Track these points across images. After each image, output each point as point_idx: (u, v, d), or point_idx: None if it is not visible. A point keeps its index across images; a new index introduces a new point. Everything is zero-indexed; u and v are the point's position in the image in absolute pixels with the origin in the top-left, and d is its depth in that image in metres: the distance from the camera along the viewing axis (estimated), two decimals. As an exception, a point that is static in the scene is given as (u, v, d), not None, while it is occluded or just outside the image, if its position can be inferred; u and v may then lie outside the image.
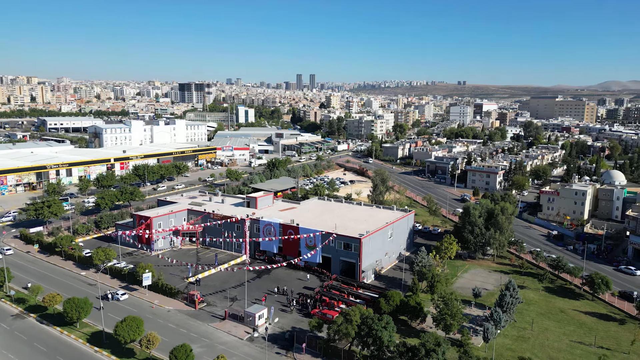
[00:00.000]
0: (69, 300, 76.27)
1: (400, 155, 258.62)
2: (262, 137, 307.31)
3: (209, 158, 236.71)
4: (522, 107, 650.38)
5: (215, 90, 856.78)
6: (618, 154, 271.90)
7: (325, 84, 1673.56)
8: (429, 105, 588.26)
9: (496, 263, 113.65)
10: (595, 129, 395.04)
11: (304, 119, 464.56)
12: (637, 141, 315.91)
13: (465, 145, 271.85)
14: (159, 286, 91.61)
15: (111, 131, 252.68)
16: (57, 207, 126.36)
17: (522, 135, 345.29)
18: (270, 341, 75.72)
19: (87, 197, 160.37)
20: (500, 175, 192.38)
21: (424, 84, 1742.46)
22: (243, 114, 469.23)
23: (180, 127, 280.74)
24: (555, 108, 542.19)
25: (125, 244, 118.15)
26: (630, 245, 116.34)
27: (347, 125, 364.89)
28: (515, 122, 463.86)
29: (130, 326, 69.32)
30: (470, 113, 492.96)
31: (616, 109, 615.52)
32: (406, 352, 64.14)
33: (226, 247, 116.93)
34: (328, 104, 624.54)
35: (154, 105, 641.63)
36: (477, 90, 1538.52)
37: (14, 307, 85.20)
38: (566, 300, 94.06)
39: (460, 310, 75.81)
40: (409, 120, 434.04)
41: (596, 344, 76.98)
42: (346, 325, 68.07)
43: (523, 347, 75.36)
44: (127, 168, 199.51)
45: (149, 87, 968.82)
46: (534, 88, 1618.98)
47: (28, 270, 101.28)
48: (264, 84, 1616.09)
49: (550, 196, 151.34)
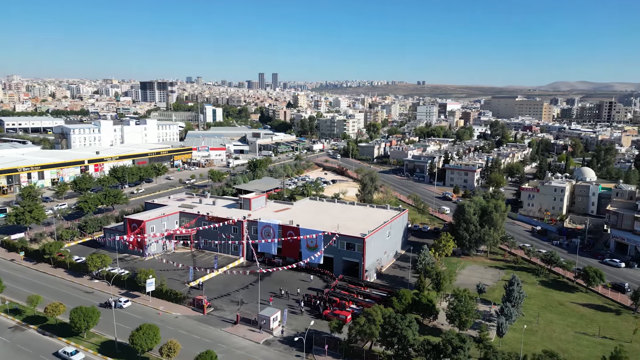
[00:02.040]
0: (75, 309, 72.86)
1: (376, 155, 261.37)
2: (235, 137, 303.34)
3: (184, 159, 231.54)
4: (484, 106, 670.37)
5: (177, 89, 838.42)
6: (580, 152, 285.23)
7: (288, 83, 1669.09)
8: (395, 105, 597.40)
9: (489, 259, 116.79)
10: (555, 128, 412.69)
11: (274, 119, 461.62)
12: (595, 139, 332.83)
13: (438, 144, 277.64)
14: (163, 292, 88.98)
15: (79, 131, 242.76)
16: (38, 212, 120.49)
17: (489, 134, 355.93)
18: (287, 344, 75.18)
19: (63, 201, 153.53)
20: (477, 173, 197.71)
21: (385, 83, 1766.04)
22: (211, 114, 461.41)
23: (152, 127, 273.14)
24: (515, 107, 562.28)
25: (115, 249, 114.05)
26: (613, 239, 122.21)
27: (320, 124, 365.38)
28: (479, 121, 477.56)
29: (148, 334, 66.97)
30: (435, 112, 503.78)
31: (569, 108, 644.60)
32: (432, 350, 65.07)
33: (222, 249, 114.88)
34: (295, 103, 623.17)
35: (115, 104, 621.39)
36: (436, 90, 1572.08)
37: (11, 319, 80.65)
38: (562, 293, 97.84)
39: (473, 307, 77.52)
40: (377, 119, 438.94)
41: (599, 334, 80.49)
42: (369, 325, 68.25)
43: (533, 340, 77.82)
44: (101, 170, 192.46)
45: (106, 85, 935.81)
46: (490, 88, 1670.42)
47: (17, 280, 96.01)
48: (226, 82, 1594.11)
49: (530, 193, 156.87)
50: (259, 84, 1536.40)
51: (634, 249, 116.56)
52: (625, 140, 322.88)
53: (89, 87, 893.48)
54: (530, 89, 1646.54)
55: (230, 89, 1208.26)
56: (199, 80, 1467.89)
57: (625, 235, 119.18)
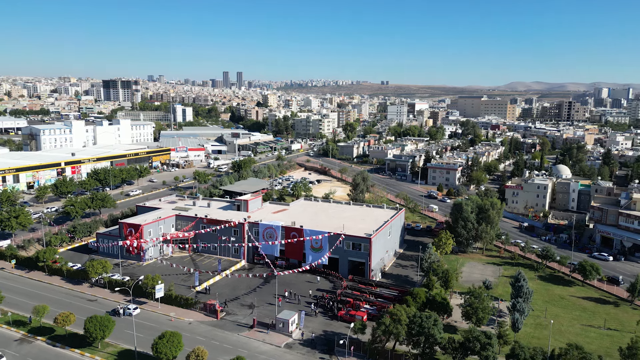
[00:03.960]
0: (90, 318, 69.94)
1: (356, 154, 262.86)
2: (211, 137, 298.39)
3: (163, 160, 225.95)
4: (451, 106, 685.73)
5: (140, 87, 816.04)
6: (548, 149, 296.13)
7: (253, 82, 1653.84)
8: (365, 105, 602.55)
9: (486, 256, 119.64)
10: (522, 127, 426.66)
11: (246, 118, 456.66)
12: (560, 137, 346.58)
13: (415, 144, 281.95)
14: (173, 297, 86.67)
15: (50, 132, 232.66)
16: (25, 218, 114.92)
17: (460, 133, 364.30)
18: (308, 346, 74.77)
19: (43, 205, 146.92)
20: (458, 171, 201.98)
21: (350, 83, 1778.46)
22: (180, 113, 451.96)
23: (125, 127, 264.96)
24: (481, 107, 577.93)
25: (108, 255, 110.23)
26: (598, 234, 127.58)
27: (295, 124, 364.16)
28: (448, 120, 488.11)
29: (172, 342, 65.12)
30: (405, 112, 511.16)
31: (530, 108, 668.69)
32: (459, 347, 66.17)
33: (221, 252, 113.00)
34: (265, 102, 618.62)
35: (77, 103, 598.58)
36: (400, 90, 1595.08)
37: (14, 331, 76.62)
38: (561, 287, 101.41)
39: (488, 303, 79.24)
40: (350, 119, 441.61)
41: (605, 326, 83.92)
42: (395, 325, 68.69)
43: (545, 334, 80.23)
44: (79, 172, 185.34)
45: (64, 84, 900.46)
46: (451, 88, 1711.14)
47: (12, 290, 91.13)
48: (189, 81, 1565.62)
49: (514, 190, 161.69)
50: (223, 83, 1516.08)
51: (619, 243, 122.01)
52: (588, 138, 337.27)
53: (46, 85, 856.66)
54: (490, 88, 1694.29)
55: (194, 87, 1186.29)
56: (161, 79, 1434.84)
57: (610, 230, 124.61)
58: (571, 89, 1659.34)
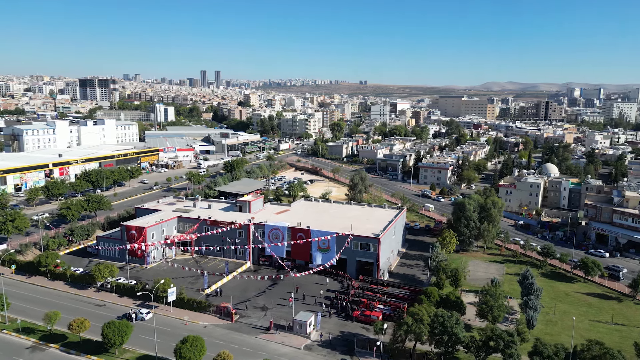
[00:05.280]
0: (108, 323, 68.32)
1: (345, 154, 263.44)
2: (197, 137, 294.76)
3: (152, 160, 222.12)
4: (432, 105, 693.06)
5: (118, 86, 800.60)
6: (530, 149, 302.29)
7: (231, 81, 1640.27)
8: (347, 105, 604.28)
9: (487, 254, 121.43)
10: (503, 126, 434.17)
11: (229, 118, 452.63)
12: (541, 136, 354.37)
13: (402, 143, 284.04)
14: (185, 301, 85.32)
15: (33, 132, 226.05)
16: (21, 221, 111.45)
17: (444, 132, 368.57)
18: (328, 348, 74.65)
19: (34, 208, 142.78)
20: (449, 170, 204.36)
21: (328, 82, 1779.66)
22: (162, 113, 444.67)
23: (110, 127, 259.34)
24: (462, 107, 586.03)
25: (109, 258, 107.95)
26: (593, 231, 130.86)
27: (281, 123, 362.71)
28: (429, 120, 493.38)
29: (195, 346, 64.16)
30: (388, 112, 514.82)
31: (507, 108, 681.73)
32: (482, 345, 66.96)
33: (225, 254, 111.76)
34: (247, 102, 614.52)
35: (52, 102, 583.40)
36: (378, 90, 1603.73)
37: (25, 339, 74.24)
38: (564, 284, 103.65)
39: (503, 301, 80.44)
40: (334, 118, 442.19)
41: (612, 321, 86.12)
42: (418, 324, 69.10)
43: (556, 331, 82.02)
44: (67, 174, 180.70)
45: (38, 82, 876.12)
46: (429, 88, 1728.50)
47: (15, 296, 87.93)
48: (166, 80, 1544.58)
49: (507, 189, 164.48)
50: (201, 82, 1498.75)
51: (614, 239, 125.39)
52: (568, 137, 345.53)
53: (19, 84, 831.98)
54: (466, 88, 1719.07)
55: (172, 86, 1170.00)
56: (137, 78, 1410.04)
57: (605, 227, 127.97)
58: (544, 89, 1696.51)
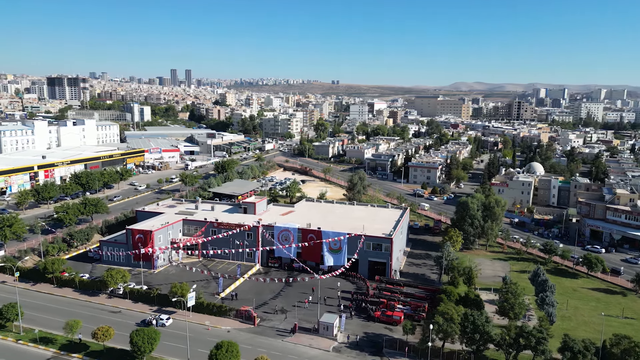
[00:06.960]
0: (137, 331, 66.37)
1: (331, 154, 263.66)
2: (180, 137, 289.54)
3: (137, 162, 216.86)
4: (408, 105, 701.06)
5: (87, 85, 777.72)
6: (509, 147, 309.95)
7: (202, 80, 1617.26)
8: (325, 104, 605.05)
9: (489, 252, 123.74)
10: (479, 126, 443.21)
11: (207, 117, 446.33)
12: (518, 135, 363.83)
13: (387, 143, 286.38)
14: (204, 305, 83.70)
15: (10, 133, 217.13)
16: (19, 226, 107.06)
17: (424, 132, 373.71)
18: (356, 349, 74.60)
19: (24, 213, 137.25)
20: (439, 170, 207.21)
21: (301, 82, 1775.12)
22: (138, 112, 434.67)
23: (91, 128, 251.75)
24: (438, 107, 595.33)
25: (113, 262, 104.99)
26: (588, 227, 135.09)
27: (263, 123, 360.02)
28: (407, 119, 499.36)
29: (231, 352, 63.07)
30: (366, 112, 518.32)
31: (480, 107, 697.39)
32: (514, 343, 68.18)
33: (233, 257, 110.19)
34: (223, 101, 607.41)
35: (20, 102, 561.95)
36: (351, 90, 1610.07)
37: (43, 349, 71.30)
38: (569, 280, 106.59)
39: (523, 299, 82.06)
40: (313, 118, 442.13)
41: (622, 315, 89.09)
42: (449, 324, 69.83)
43: (572, 326, 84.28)
44: (52, 176, 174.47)
45: (2, 81, 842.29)
46: (400, 87, 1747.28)
47: (24, 305, 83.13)
48: (134, 78, 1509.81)
49: (500, 187, 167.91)
50: (171, 81, 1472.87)
51: (608, 235, 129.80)
52: (543, 136, 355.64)
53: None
54: (436, 88, 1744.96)
55: (142, 85, 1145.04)
56: (105, 76, 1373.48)
57: (599, 224, 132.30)
58: (510, 89, 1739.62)
